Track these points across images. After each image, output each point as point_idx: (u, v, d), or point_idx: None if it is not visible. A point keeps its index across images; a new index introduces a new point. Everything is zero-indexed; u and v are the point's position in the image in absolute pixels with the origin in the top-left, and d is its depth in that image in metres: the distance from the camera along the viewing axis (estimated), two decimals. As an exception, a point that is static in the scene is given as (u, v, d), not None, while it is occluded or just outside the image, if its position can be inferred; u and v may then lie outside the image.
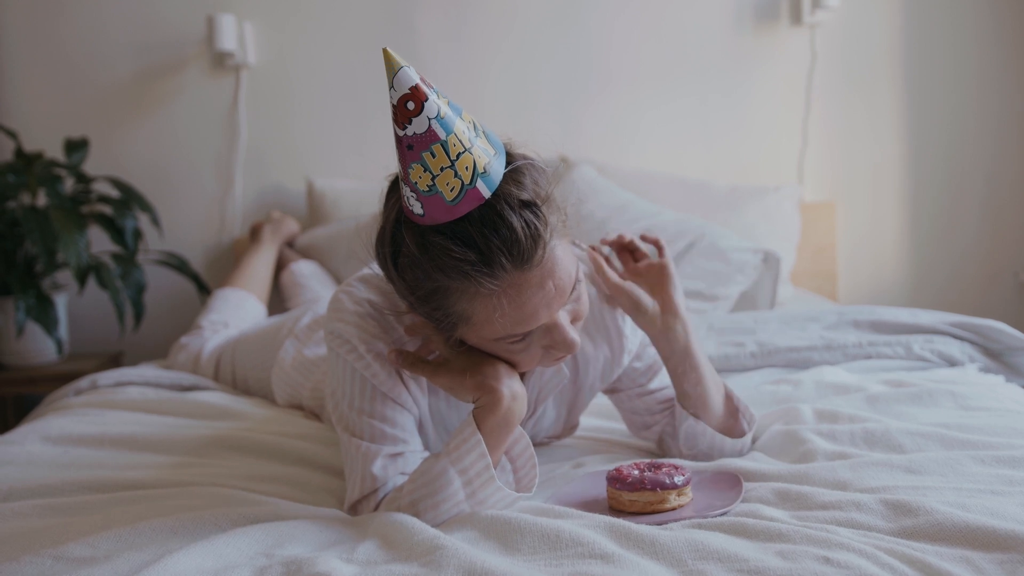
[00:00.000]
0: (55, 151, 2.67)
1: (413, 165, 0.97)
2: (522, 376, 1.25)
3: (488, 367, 1.09)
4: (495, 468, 1.08)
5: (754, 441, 1.35)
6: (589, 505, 1.12)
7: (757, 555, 0.89)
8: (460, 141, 0.96)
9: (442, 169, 0.96)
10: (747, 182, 2.77)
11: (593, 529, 0.98)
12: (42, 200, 2.55)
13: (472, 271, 0.97)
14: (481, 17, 2.82)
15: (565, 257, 1.04)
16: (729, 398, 1.32)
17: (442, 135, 0.96)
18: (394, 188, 1.07)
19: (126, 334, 2.74)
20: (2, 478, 1.29)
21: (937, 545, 0.91)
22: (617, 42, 2.81)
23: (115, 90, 2.80)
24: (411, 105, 0.96)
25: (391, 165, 1.08)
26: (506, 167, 1.00)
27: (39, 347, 2.55)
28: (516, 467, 1.15)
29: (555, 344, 1.07)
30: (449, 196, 0.96)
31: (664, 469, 1.12)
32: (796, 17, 2.81)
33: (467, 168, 0.96)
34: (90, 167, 2.70)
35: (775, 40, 2.83)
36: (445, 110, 0.97)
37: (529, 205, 0.99)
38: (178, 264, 2.61)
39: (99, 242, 2.66)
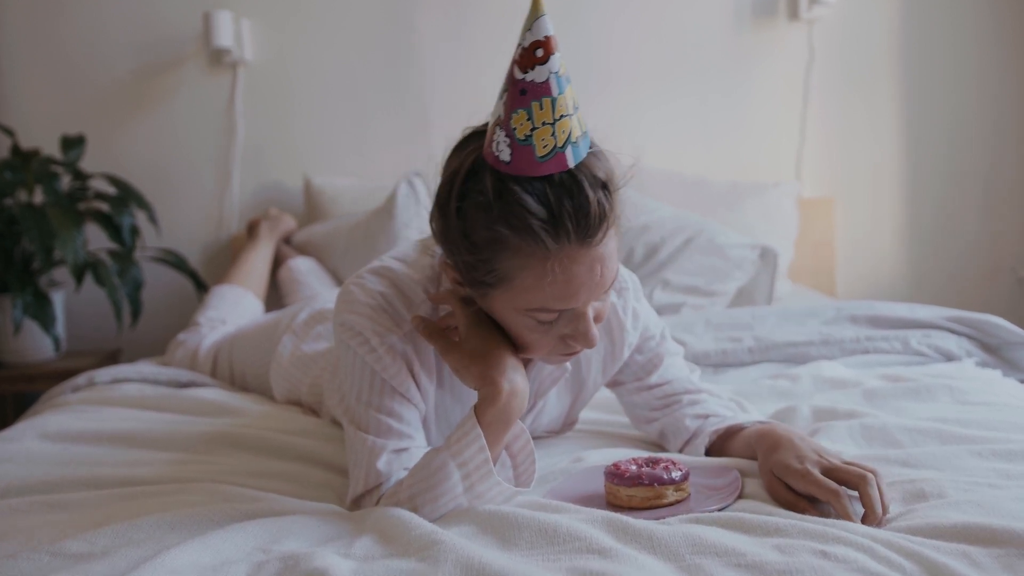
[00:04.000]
0: (52, 148, 2.66)
1: (519, 111, 0.99)
2: (525, 365, 1.25)
3: (494, 358, 1.09)
4: (494, 463, 1.09)
5: None
6: (587, 500, 1.12)
7: (755, 549, 0.89)
8: (567, 104, 1.00)
9: (543, 123, 0.98)
10: (746, 179, 2.77)
11: (591, 524, 0.98)
12: (39, 197, 2.54)
13: (538, 228, 0.99)
14: (481, 17, 2.81)
15: (614, 254, 1.06)
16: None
17: (555, 92, 0.99)
18: (467, 141, 1.09)
19: (123, 331, 2.74)
20: (0, 475, 1.29)
21: (934, 539, 0.91)
22: (617, 42, 2.81)
23: (112, 87, 2.79)
24: (540, 53, 0.98)
25: (389, 162, 1.09)
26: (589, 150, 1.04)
27: (36, 344, 2.55)
28: (516, 463, 1.15)
29: (576, 335, 1.08)
30: (539, 151, 0.99)
31: (662, 464, 1.12)
32: (793, 12, 2.81)
33: (563, 131, 0.99)
34: (87, 164, 2.69)
35: (773, 36, 2.83)
36: (564, 71, 0.99)
37: (605, 186, 1.02)
38: (175, 261, 2.61)
39: (96, 239, 2.66)
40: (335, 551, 0.96)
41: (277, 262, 2.57)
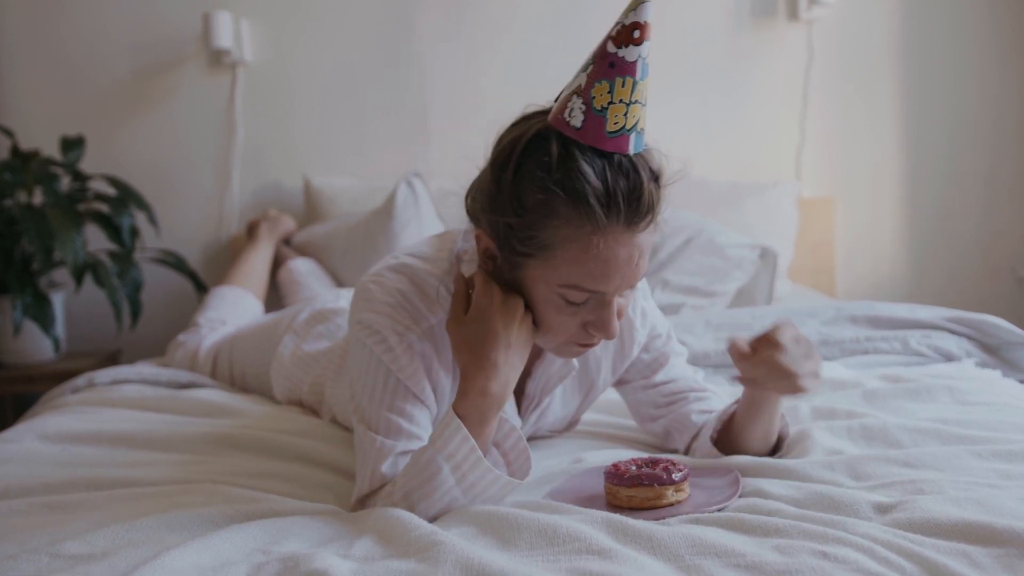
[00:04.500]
0: (51, 149, 2.66)
1: (602, 81, 1.02)
2: (533, 362, 1.26)
3: (482, 353, 1.09)
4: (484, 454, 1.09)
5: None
6: (587, 501, 1.12)
7: (754, 550, 0.90)
8: (643, 93, 1.04)
9: (620, 101, 1.02)
10: (745, 179, 2.77)
11: (591, 525, 0.98)
12: (39, 198, 2.54)
13: (593, 200, 1.01)
14: (481, 17, 2.81)
15: (648, 251, 1.09)
16: (776, 446, 1.27)
17: (639, 75, 1.03)
18: (529, 117, 1.10)
19: (123, 332, 2.74)
20: (0, 476, 1.28)
21: (934, 539, 0.91)
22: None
23: (112, 88, 2.79)
24: (637, 34, 1.03)
25: (388, 162, 1.09)
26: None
27: (36, 345, 2.54)
28: (509, 460, 1.15)
29: (599, 323, 1.10)
30: (610, 126, 1.02)
31: (662, 465, 1.12)
32: (793, 13, 2.81)
33: (634, 117, 1.03)
34: (87, 165, 2.69)
35: (773, 37, 2.83)
36: (650, 61, 1.04)
37: (656, 179, 1.07)
38: (175, 262, 2.61)
39: (96, 240, 2.66)
40: (335, 552, 0.96)
41: (277, 263, 2.57)
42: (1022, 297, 2.92)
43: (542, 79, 2.87)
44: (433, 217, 2.47)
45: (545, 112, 1.09)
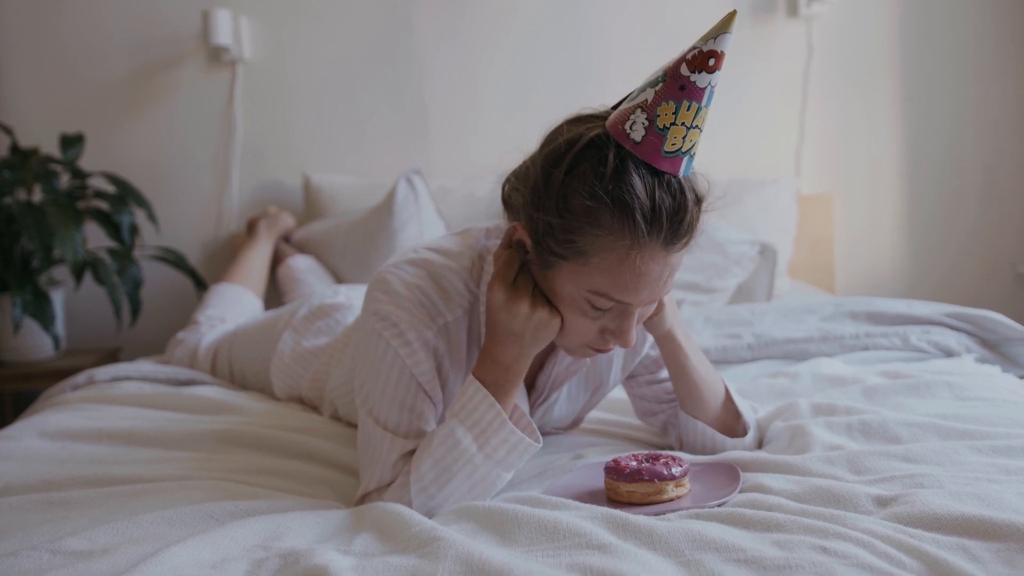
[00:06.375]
0: (51, 147, 2.67)
1: (669, 101, 1.03)
2: (546, 354, 1.27)
3: (492, 332, 1.11)
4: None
5: (761, 445, 1.35)
6: (587, 496, 1.12)
7: (754, 545, 0.90)
8: (703, 120, 1.05)
9: (682, 124, 1.04)
10: (745, 175, 2.77)
11: (591, 520, 0.98)
12: (38, 196, 2.54)
13: (637, 216, 1.03)
14: (480, 15, 2.81)
15: (676, 271, 1.11)
16: (729, 398, 1.32)
17: (704, 102, 1.04)
18: (584, 119, 1.11)
19: (123, 329, 2.74)
20: (0, 473, 1.28)
21: (934, 533, 0.91)
22: (617, 39, 2.81)
23: (111, 86, 2.79)
24: (712, 62, 1.03)
25: (388, 159, 1.09)
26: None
27: (36, 343, 2.54)
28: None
29: (618, 331, 1.11)
30: (667, 147, 1.04)
31: (662, 460, 1.12)
32: (793, 9, 2.81)
33: (690, 141, 1.05)
34: (86, 163, 2.69)
35: (772, 33, 2.83)
36: (716, 90, 1.05)
37: (699, 203, 1.08)
38: (175, 259, 2.61)
39: (95, 238, 2.66)
40: (335, 548, 0.96)
41: (276, 260, 2.57)
42: (1021, 293, 2.92)
43: (541, 77, 2.89)
44: (433, 214, 2.47)
45: (601, 117, 1.10)
